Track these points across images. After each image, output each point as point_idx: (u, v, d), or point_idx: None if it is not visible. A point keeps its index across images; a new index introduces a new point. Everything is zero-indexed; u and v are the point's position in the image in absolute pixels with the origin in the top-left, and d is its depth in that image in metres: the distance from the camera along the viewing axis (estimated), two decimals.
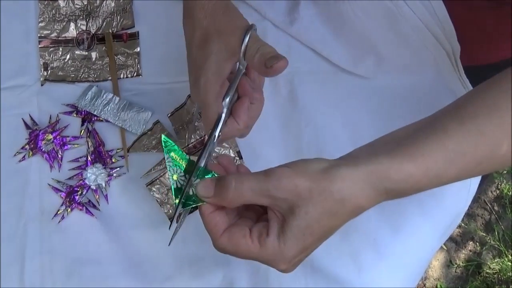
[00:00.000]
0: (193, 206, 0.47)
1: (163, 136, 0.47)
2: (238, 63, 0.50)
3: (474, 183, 0.66)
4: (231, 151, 0.65)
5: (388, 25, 0.67)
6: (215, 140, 0.49)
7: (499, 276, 1.48)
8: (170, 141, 0.47)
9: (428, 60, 0.68)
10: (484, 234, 1.51)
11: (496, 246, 1.50)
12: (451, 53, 0.67)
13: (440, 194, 0.64)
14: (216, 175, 0.47)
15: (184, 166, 0.48)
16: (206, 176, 0.47)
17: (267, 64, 0.46)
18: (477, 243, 1.52)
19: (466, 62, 0.67)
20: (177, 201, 0.47)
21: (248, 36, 0.48)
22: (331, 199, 0.42)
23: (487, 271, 1.48)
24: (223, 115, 0.50)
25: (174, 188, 0.47)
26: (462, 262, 1.50)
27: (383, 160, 0.43)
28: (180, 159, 0.48)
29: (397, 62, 0.68)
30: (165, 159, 0.47)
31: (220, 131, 0.50)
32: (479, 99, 0.47)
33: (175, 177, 0.47)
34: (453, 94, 0.67)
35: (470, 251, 1.51)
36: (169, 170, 0.47)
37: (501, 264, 1.48)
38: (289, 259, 0.44)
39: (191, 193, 0.47)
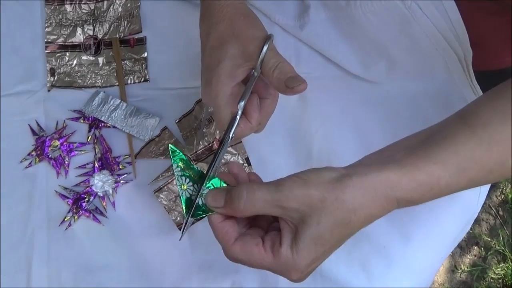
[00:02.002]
0: (203, 216, 0.47)
1: (170, 146, 0.47)
2: (253, 70, 0.50)
3: (484, 190, 0.66)
4: (239, 157, 0.65)
5: (400, 29, 0.66)
6: (229, 141, 0.49)
7: (504, 281, 1.47)
8: (177, 150, 0.47)
9: (439, 65, 0.67)
10: (489, 239, 1.51)
11: (501, 251, 1.50)
12: (463, 58, 0.67)
13: (451, 202, 0.64)
14: (224, 184, 0.47)
15: (192, 175, 0.47)
16: (215, 185, 0.47)
17: (288, 84, 0.47)
18: (482, 248, 1.51)
19: (477, 67, 0.67)
20: (186, 211, 0.47)
21: (267, 46, 0.48)
22: (343, 208, 0.42)
23: (492, 276, 1.48)
24: (238, 117, 0.50)
25: (183, 199, 0.47)
26: (467, 267, 1.49)
27: (394, 168, 0.43)
28: (187, 169, 0.47)
29: (409, 67, 0.67)
30: (173, 168, 0.47)
31: (233, 133, 0.50)
32: (491, 106, 0.46)
33: (184, 186, 0.47)
34: (464, 100, 0.67)
35: (475, 256, 1.51)
36: (178, 179, 0.47)
37: (506, 269, 1.47)
38: (302, 269, 0.44)
39: (200, 202, 0.47)
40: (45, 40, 0.68)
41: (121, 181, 0.64)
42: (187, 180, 0.47)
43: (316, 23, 0.68)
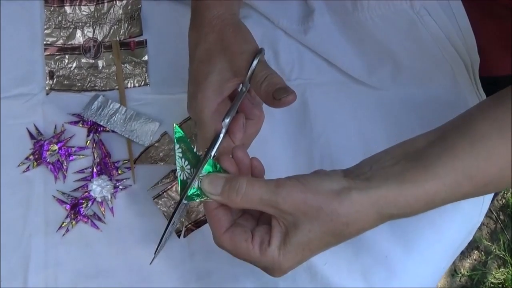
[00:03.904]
0: (197, 200, 0.46)
1: (175, 125, 0.46)
2: (241, 85, 0.49)
3: (487, 200, 0.65)
4: None
5: (407, 34, 0.66)
6: (210, 159, 0.48)
7: (504, 286, 1.47)
8: (181, 131, 0.46)
9: (445, 72, 0.67)
10: (489, 244, 1.50)
11: (501, 255, 1.49)
12: (470, 65, 0.66)
13: (453, 212, 0.63)
14: (221, 171, 0.47)
15: (191, 158, 0.47)
16: (213, 170, 0.47)
17: (275, 96, 0.46)
18: (482, 253, 1.50)
19: (483, 73, 0.66)
20: (181, 193, 0.47)
21: (257, 60, 0.47)
22: (337, 221, 0.43)
23: (492, 280, 1.47)
24: (221, 135, 0.49)
25: (180, 180, 0.46)
26: (467, 272, 1.49)
27: (392, 185, 0.44)
28: (188, 151, 0.47)
29: (415, 72, 0.67)
30: (175, 148, 0.46)
31: (216, 151, 0.49)
32: (490, 118, 0.46)
33: (183, 168, 0.47)
34: (469, 107, 0.66)
35: (475, 260, 1.50)
36: (177, 160, 0.46)
37: (506, 274, 1.47)
38: (285, 270, 0.45)
39: (196, 186, 0.46)
40: (44, 42, 0.67)
41: (120, 187, 0.63)
42: (186, 162, 0.47)
43: (321, 27, 0.67)
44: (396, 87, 0.67)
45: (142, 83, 0.68)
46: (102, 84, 0.67)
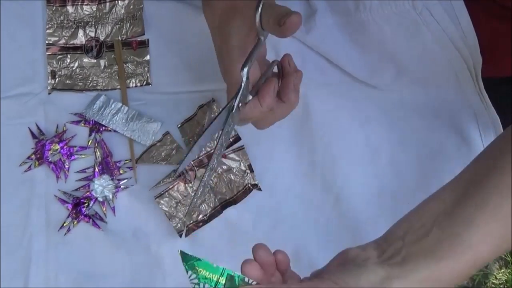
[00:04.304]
0: None
1: (180, 251, 0.41)
2: (259, 35, 0.49)
3: None
4: (242, 164, 0.64)
5: (410, 35, 0.65)
6: (233, 111, 0.49)
7: (506, 287, 1.46)
8: (189, 255, 0.41)
9: (448, 74, 0.66)
10: None
11: (503, 256, 1.49)
12: (472, 66, 0.66)
13: None
14: (250, 282, 0.42)
15: (216, 279, 0.41)
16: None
17: (280, 22, 0.45)
18: None
19: (486, 74, 0.66)
20: None
21: (261, 5, 0.47)
22: None
23: (494, 281, 1.47)
24: (243, 85, 0.48)
25: None
26: None
27: (430, 264, 0.42)
28: (203, 269, 0.41)
29: (417, 74, 0.66)
30: (188, 276, 0.41)
31: (240, 103, 0.49)
32: None
33: None
34: (471, 109, 0.66)
35: None
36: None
37: (507, 274, 1.47)
38: None
39: None
40: (46, 42, 0.67)
41: (122, 186, 0.63)
42: (206, 285, 0.41)
43: (323, 28, 0.67)
44: (398, 88, 0.67)
45: (144, 83, 0.67)
46: (104, 84, 0.67)
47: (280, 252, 0.45)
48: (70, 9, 0.68)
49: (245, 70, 0.48)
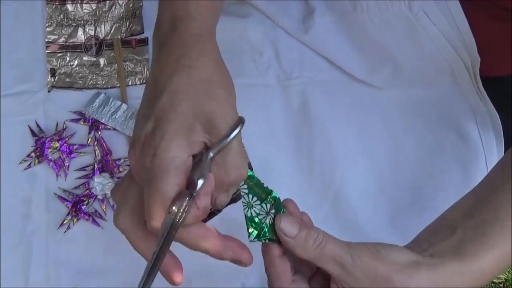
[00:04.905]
0: (268, 239, 0.43)
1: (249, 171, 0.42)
2: (209, 150, 0.39)
3: None
4: None
5: (407, 35, 0.66)
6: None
7: (505, 285, 1.46)
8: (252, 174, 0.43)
9: (445, 72, 0.67)
10: None
11: None
12: (470, 65, 0.66)
13: None
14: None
15: (260, 193, 0.44)
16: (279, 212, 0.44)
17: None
18: None
19: (484, 73, 0.66)
20: (251, 231, 0.43)
21: (238, 130, 0.39)
22: None
23: (493, 280, 1.47)
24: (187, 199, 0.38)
25: (248, 217, 0.43)
26: None
27: (455, 262, 0.43)
28: (256, 187, 0.44)
29: (414, 73, 0.67)
30: (240, 185, 0.43)
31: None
32: None
33: (249, 204, 0.44)
34: (470, 107, 0.66)
35: None
36: (243, 197, 0.43)
37: (506, 273, 1.47)
38: None
39: (266, 223, 0.43)
40: (46, 40, 0.67)
41: None
42: (255, 198, 0.44)
43: (321, 27, 0.67)
44: (396, 87, 0.67)
45: (144, 81, 0.68)
46: (103, 82, 0.67)
47: (306, 214, 0.46)
48: (69, 7, 0.68)
49: (200, 182, 0.38)
